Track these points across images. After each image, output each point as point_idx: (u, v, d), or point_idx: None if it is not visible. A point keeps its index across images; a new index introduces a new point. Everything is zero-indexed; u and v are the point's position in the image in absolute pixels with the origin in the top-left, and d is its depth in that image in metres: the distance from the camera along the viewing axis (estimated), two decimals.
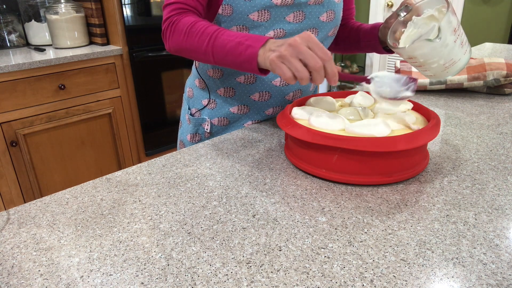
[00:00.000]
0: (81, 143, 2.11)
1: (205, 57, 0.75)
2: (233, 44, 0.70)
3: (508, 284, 0.44)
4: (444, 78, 0.74)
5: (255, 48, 0.67)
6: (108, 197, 0.65)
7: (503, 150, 0.78)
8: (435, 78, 0.74)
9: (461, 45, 0.68)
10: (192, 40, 0.75)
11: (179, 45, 0.77)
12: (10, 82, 1.79)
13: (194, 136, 1.00)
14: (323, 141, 0.63)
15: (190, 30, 0.75)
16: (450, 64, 0.69)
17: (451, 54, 0.68)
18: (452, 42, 0.67)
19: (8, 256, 0.52)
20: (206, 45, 0.73)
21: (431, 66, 0.70)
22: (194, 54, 0.76)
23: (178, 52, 0.79)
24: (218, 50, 0.72)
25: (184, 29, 0.75)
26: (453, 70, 0.71)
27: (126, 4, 2.10)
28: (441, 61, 0.69)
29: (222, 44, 0.71)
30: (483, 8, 3.05)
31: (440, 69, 0.71)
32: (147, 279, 0.47)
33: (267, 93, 0.92)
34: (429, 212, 0.58)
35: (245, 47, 0.68)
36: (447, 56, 0.68)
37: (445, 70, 0.70)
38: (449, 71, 0.71)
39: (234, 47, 0.69)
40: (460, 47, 0.68)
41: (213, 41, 0.72)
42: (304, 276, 0.46)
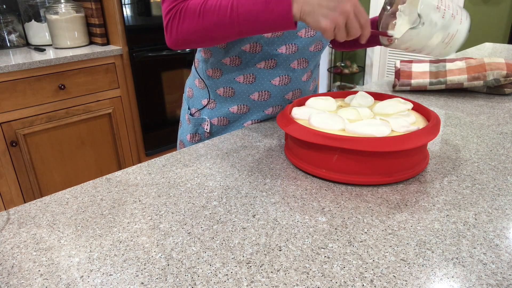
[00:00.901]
0: (81, 143, 2.11)
1: (227, 31, 0.72)
2: (260, 5, 0.68)
3: (508, 284, 0.44)
4: (451, 53, 0.72)
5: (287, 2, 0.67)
6: (108, 197, 0.65)
7: (503, 150, 0.78)
8: (443, 56, 0.73)
9: (452, 17, 0.66)
10: (210, 18, 0.71)
11: (194, 29, 0.73)
12: (10, 82, 1.79)
13: (194, 136, 1.00)
14: (323, 141, 0.63)
15: (204, 9, 0.71)
16: (449, 39, 0.67)
17: (444, 29, 0.66)
18: (439, 18, 0.65)
19: (8, 256, 0.52)
20: (230, 16, 0.70)
21: (431, 48, 0.69)
22: (212, 33, 0.73)
23: (188, 40, 0.75)
24: (245, 16, 0.69)
25: (196, 10, 0.72)
26: (455, 43, 0.69)
27: (126, 4, 2.10)
28: (438, 39, 0.67)
29: (247, 9, 0.69)
30: (483, 8, 3.05)
31: (442, 47, 0.69)
32: (147, 279, 0.47)
33: (266, 93, 0.92)
34: (429, 212, 0.58)
35: (275, 3, 0.67)
36: (442, 32, 0.66)
37: (447, 46, 0.69)
38: (452, 45, 0.69)
39: (263, 8, 0.68)
40: (452, 19, 0.66)
41: (236, 10, 0.69)
42: (304, 276, 0.46)
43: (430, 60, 1.23)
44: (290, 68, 0.90)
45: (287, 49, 0.87)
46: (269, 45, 0.86)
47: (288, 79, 0.92)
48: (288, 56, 0.88)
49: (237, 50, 0.87)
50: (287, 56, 0.88)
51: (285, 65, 0.89)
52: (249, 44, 0.85)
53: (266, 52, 0.87)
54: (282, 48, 0.86)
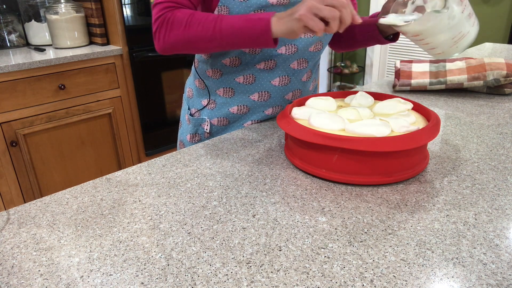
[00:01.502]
0: (81, 143, 2.11)
1: (209, 43, 0.75)
2: (242, 22, 0.72)
3: (508, 284, 0.44)
4: (454, 54, 0.72)
5: (266, 19, 0.70)
6: (108, 197, 0.65)
7: (503, 150, 0.78)
8: (444, 56, 0.72)
9: (469, 16, 0.66)
10: (195, 29, 0.74)
11: (179, 38, 0.77)
12: (10, 82, 1.79)
13: (193, 136, 1.00)
14: (323, 141, 0.63)
15: (191, 20, 0.75)
16: (459, 38, 0.67)
17: (459, 26, 0.65)
18: (459, 13, 0.64)
19: (8, 256, 0.52)
20: (213, 31, 0.73)
21: (440, 41, 0.67)
22: (196, 44, 0.76)
23: (174, 48, 0.79)
24: (227, 32, 0.73)
25: (183, 21, 0.75)
26: (462, 44, 0.68)
27: (126, 4, 2.10)
28: (449, 34, 0.66)
29: (229, 25, 0.72)
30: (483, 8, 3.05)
31: (449, 45, 0.68)
32: (147, 279, 0.47)
33: (266, 93, 0.92)
34: (429, 212, 0.58)
35: (255, 20, 0.71)
36: (456, 29, 0.65)
37: (454, 45, 0.68)
38: (458, 45, 0.68)
39: (243, 23, 0.71)
40: (468, 18, 0.66)
41: (219, 25, 0.73)
42: (304, 276, 0.46)
43: (430, 60, 1.23)
44: (289, 69, 0.90)
45: (287, 49, 0.87)
46: None
47: (288, 79, 0.92)
48: (287, 57, 0.88)
49: (236, 51, 0.87)
50: (286, 57, 0.88)
51: (285, 65, 0.89)
52: None
53: (265, 53, 0.87)
54: (281, 48, 0.86)
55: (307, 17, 0.65)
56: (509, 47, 1.81)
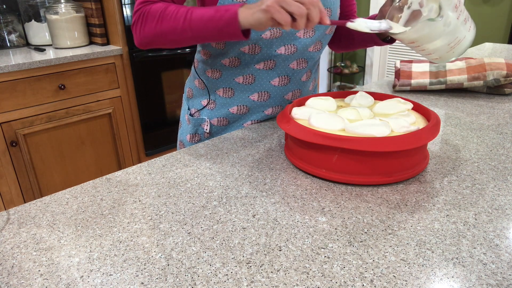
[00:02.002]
0: (81, 143, 2.11)
1: (181, 35, 0.75)
2: (211, 13, 0.72)
3: (508, 284, 0.44)
4: (450, 59, 0.71)
5: (233, 10, 0.70)
6: (108, 197, 0.65)
7: (503, 150, 0.78)
8: (441, 61, 0.72)
9: (464, 21, 0.66)
10: (166, 23, 0.75)
11: (153, 32, 0.77)
12: (10, 82, 1.79)
13: (193, 136, 1.00)
14: (323, 141, 0.63)
15: (163, 14, 0.75)
16: (455, 43, 0.67)
17: (455, 32, 0.65)
18: (455, 19, 0.64)
19: (8, 256, 0.52)
20: (183, 22, 0.74)
21: (436, 48, 0.68)
22: (170, 36, 0.76)
23: (150, 41, 0.79)
24: (196, 23, 0.73)
25: (156, 15, 0.76)
26: (459, 49, 0.68)
27: (126, 4, 2.10)
28: (445, 40, 0.66)
29: (199, 17, 0.73)
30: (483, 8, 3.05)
31: (445, 50, 0.68)
32: (147, 279, 0.47)
33: (266, 93, 0.92)
34: (429, 212, 0.58)
35: (223, 11, 0.70)
36: (452, 35, 0.65)
37: (451, 50, 0.68)
38: (454, 51, 0.68)
39: (212, 15, 0.71)
40: (464, 23, 0.66)
41: (189, 17, 0.73)
42: (304, 276, 0.46)
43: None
44: (289, 69, 0.90)
45: (286, 49, 0.87)
46: (268, 46, 0.86)
47: (288, 79, 0.92)
48: (287, 57, 0.88)
49: (236, 51, 0.87)
50: (286, 57, 0.88)
51: (284, 65, 0.89)
52: (248, 45, 0.85)
53: (265, 53, 0.87)
54: (281, 49, 0.86)
55: (274, 8, 0.65)
56: (509, 47, 1.81)
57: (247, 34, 0.73)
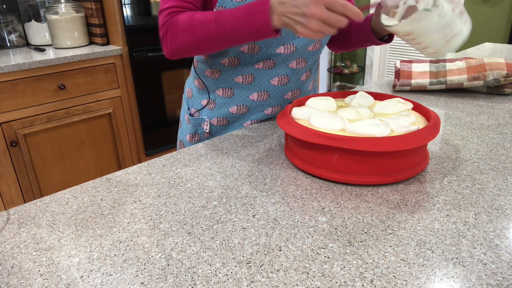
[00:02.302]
0: (81, 143, 2.11)
1: (218, 42, 0.75)
2: (242, 18, 0.70)
3: (508, 284, 0.44)
4: (446, 54, 0.71)
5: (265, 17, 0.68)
6: (108, 197, 0.65)
7: (503, 150, 0.78)
8: (437, 56, 0.71)
9: (460, 14, 0.65)
10: (198, 33, 0.74)
11: (186, 43, 0.77)
12: (10, 82, 1.79)
13: (193, 136, 1.00)
14: (323, 141, 0.63)
15: (191, 24, 0.75)
16: (451, 37, 0.66)
17: (450, 24, 0.65)
18: (450, 11, 0.64)
19: (8, 256, 0.52)
20: (215, 30, 0.73)
21: (431, 41, 0.67)
22: (206, 45, 0.76)
23: (185, 51, 0.79)
24: (230, 30, 0.72)
25: (185, 26, 0.75)
26: (455, 43, 0.67)
27: (126, 4, 2.10)
28: (440, 33, 0.65)
29: (230, 23, 0.71)
30: (483, 8, 3.05)
31: (441, 44, 0.67)
32: (147, 279, 0.47)
33: (265, 93, 0.92)
34: (429, 212, 0.58)
35: (255, 15, 0.69)
36: (447, 27, 0.65)
37: (447, 44, 0.67)
38: (451, 44, 0.67)
39: (244, 19, 0.70)
40: (460, 16, 0.65)
41: (220, 24, 0.72)
42: (304, 276, 0.46)
43: (430, 60, 1.23)
44: (288, 68, 0.90)
45: (286, 49, 0.87)
46: (268, 45, 0.86)
47: (287, 79, 0.92)
48: (286, 56, 0.88)
49: (235, 51, 0.87)
50: (285, 56, 0.88)
51: (284, 65, 0.89)
52: (247, 45, 0.85)
53: (264, 53, 0.87)
54: (280, 48, 0.86)
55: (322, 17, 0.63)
56: (509, 47, 1.81)
57: (279, 31, 0.72)
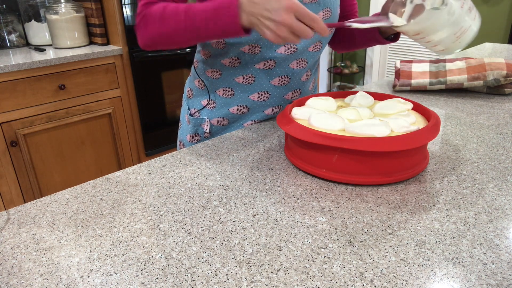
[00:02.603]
0: (81, 143, 2.11)
1: (186, 35, 0.74)
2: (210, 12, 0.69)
3: (508, 284, 0.44)
4: (456, 50, 0.71)
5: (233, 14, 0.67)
6: (108, 197, 0.65)
7: (503, 150, 0.78)
8: (447, 53, 0.71)
9: (469, 10, 0.65)
10: (168, 25, 0.74)
11: (156, 34, 0.76)
12: (10, 82, 1.79)
13: (193, 136, 1.00)
14: (323, 141, 0.63)
15: (163, 15, 0.74)
16: (461, 33, 0.66)
17: (460, 21, 0.64)
18: (459, 7, 0.63)
19: (8, 256, 0.52)
20: (185, 23, 0.72)
21: (441, 38, 0.67)
22: (175, 38, 0.75)
23: (154, 43, 0.78)
24: (198, 24, 0.71)
25: (156, 17, 0.75)
26: (465, 39, 0.67)
27: (126, 4, 2.10)
28: (450, 30, 0.65)
29: (199, 16, 0.71)
30: (483, 8, 3.05)
31: (451, 40, 0.67)
32: (147, 279, 0.47)
33: (266, 93, 0.92)
34: (429, 212, 0.58)
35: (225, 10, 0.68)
36: (457, 24, 0.65)
37: (457, 40, 0.67)
38: (461, 41, 0.67)
39: (212, 14, 0.69)
40: (468, 12, 0.65)
41: (190, 17, 0.71)
42: (304, 276, 0.46)
43: (430, 60, 1.23)
44: (289, 69, 0.90)
45: (286, 49, 0.87)
46: (268, 46, 0.86)
47: (288, 79, 0.92)
48: (287, 57, 0.88)
49: (236, 51, 0.87)
50: (286, 57, 0.88)
51: (284, 65, 0.89)
52: (248, 45, 0.85)
53: (265, 53, 0.87)
54: (281, 49, 0.86)
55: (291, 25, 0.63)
56: (509, 47, 1.81)
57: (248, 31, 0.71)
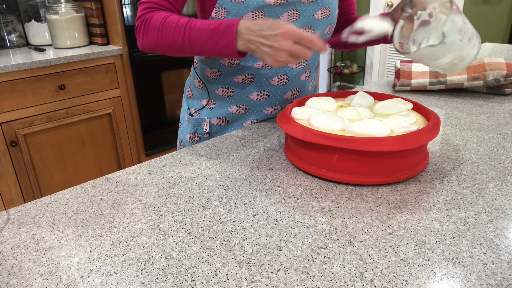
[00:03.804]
0: (81, 143, 2.11)
1: (182, 49, 0.76)
2: (208, 33, 0.72)
3: (508, 284, 0.44)
4: (454, 72, 0.74)
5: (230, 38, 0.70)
6: (108, 197, 0.65)
7: (503, 150, 0.78)
8: (445, 73, 0.75)
9: (469, 40, 0.68)
10: (166, 36, 0.76)
11: (154, 42, 0.78)
12: (10, 82, 1.79)
13: (193, 136, 1.00)
14: (323, 141, 0.63)
15: (163, 26, 0.76)
16: (459, 61, 0.69)
17: (459, 52, 0.67)
18: (458, 41, 0.66)
19: (8, 256, 0.52)
20: (183, 38, 0.74)
21: (440, 65, 0.70)
22: (171, 49, 0.77)
23: (153, 49, 0.80)
24: (195, 42, 0.73)
25: (157, 26, 0.76)
26: (462, 65, 0.70)
27: (126, 4, 2.10)
28: (449, 59, 0.68)
29: (197, 35, 0.73)
30: (483, 8, 3.05)
31: (449, 66, 0.70)
32: (147, 279, 0.47)
33: (265, 93, 0.92)
34: (429, 212, 0.58)
35: (221, 32, 0.71)
36: (456, 55, 0.68)
37: (454, 66, 0.70)
38: (458, 66, 0.71)
39: (210, 36, 0.72)
40: (468, 43, 0.68)
41: (188, 33, 0.73)
42: (304, 276, 0.46)
43: None
44: (288, 68, 0.90)
45: None
46: None
47: (287, 78, 0.92)
48: None
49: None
50: None
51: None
52: None
53: None
54: None
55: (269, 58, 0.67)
56: (509, 47, 1.81)
57: (244, 54, 0.74)
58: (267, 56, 0.67)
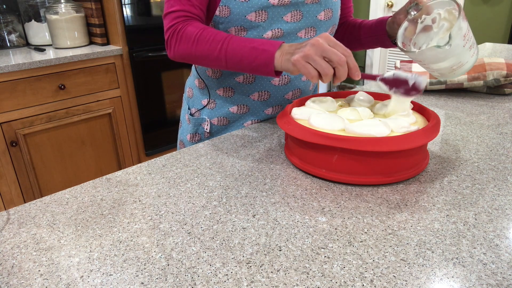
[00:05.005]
0: (81, 143, 2.11)
1: (216, 62, 0.76)
2: (247, 49, 0.72)
3: (508, 284, 0.44)
4: (450, 78, 0.77)
5: (271, 52, 0.70)
6: (108, 197, 0.65)
7: (503, 150, 0.78)
8: (442, 78, 0.76)
9: (470, 48, 0.70)
10: (202, 47, 0.76)
11: (187, 53, 0.78)
12: (10, 82, 1.79)
13: (194, 136, 1.00)
14: (323, 141, 0.63)
15: (199, 37, 0.76)
16: (457, 67, 0.71)
17: (459, 57, 0.69)
18: (461, 47, 0.67)
19: (8, 256, 0.52)
20: (219, 51, 0.75)
21: (439, 68, 0.72)
22: (204, 61, 0.78)
23: (185, 59, 0.80)
24: (232, 56, 0.74)
25: (192, 36, 0.76)
26: (460, 71, 0.72)
27: (126, 4, 2.10)
28: (449, 64, 0.70)
29: (235, 49, 0.73)
30: (483, 8, 3.05)
31: (447, 71, 0.72)
32: (147, 279, 0.47)
33: (266, 93, 0.92)
34: (429, 212, 0.58)
35: (260, 51, 0.71)
36: (456, 60, 0.69)
37: (452, 71, 0.72)
38: (456, 72, 0.72)
39: (248, 52, 0.72)
40: (469, 50, 0.70)
41: (226, 47, 0.74)
42: (304, 276, 0.46)
43: None
44: None
45: None
46: None
47: (288, 79, 0.92)
48: None
49: None
50: None
51: None
52: None
53: None
54: None
55: (300, 64, 0.66)
56: (509, 47, 1.81)
57: (279, 73, 0.74)
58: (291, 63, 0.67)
